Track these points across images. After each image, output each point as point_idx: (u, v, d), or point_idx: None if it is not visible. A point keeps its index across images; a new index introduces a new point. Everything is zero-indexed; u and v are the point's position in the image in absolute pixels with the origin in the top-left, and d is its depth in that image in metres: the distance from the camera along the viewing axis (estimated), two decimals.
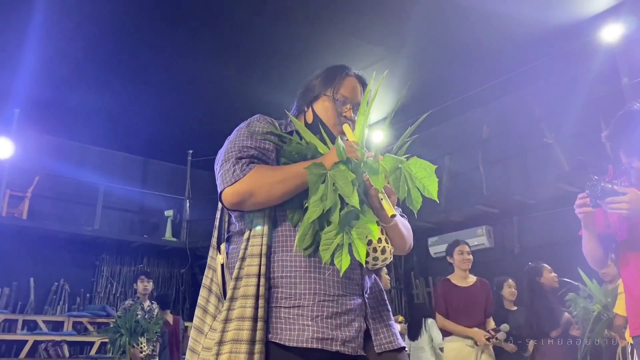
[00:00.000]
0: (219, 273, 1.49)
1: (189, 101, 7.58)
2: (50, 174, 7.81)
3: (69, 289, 7.78)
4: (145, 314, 4.99)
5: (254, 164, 1.42)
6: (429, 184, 1.31)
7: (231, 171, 1.40)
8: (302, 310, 1.35)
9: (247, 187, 1.37)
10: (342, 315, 1.38)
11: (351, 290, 1.42)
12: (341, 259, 1.28)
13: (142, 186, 9.02)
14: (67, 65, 6.52)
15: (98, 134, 8.33)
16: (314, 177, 1.33)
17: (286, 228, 1.44)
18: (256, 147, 1.46)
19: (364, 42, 6.32)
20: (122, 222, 8.75)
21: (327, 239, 1.29)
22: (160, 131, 8.41)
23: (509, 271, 6.35)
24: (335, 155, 1.37)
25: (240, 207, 1.43)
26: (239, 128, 1.54)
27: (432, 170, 1.32)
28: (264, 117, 1.57)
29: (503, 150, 7.27)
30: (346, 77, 1.62)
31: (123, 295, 8.21)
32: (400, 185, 1.30)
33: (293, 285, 1.38)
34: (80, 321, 7.17)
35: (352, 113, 1.59)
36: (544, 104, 6.73)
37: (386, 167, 1.32)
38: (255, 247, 1.40)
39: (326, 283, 1.39)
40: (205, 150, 8.83)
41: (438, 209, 7.53)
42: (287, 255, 1.41)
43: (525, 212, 6.80)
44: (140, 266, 8.55)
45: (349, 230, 1.30)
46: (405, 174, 1.31)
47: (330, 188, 1.31)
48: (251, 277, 1.36)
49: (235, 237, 1.51)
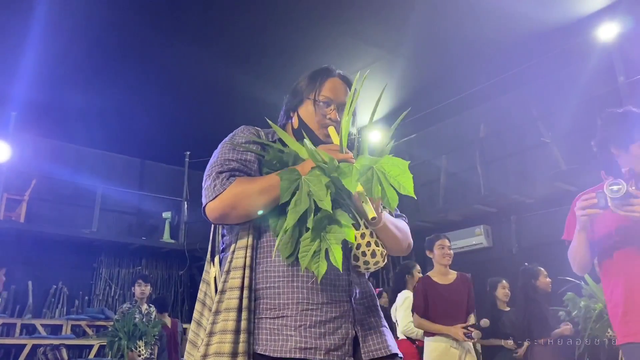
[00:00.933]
0: (212, 286, 1.49)
1: (186, 103, 7.57)
2: (47, 176, 7.79)
3: (68, 292, 7.77)
4: (143, 317, 4.98)
5: (235, 177, 1.41)
6: (404, 181, 1.28)
7: (212, 186, 1.40)
8: (286, 321, 1.35)
9: (228, 201, 1.37)
10: (327, 324, 1.36)
11: (337, 297, 1.40)
12: (318, 264, 1.27)
13: (140, 188, 9.01)
14: (64, 68, 6.51)
15: (95, 136, 8.31)
16: (286, 183, 1.32)
17: (270, 238, 1.42)
18: (237, 160, 1.45)
19: (362, 42, 6.32)
20: (120, 225, 8.74)
21: (305, 245, 1.28)
22: (158, 133, 8.39)
23: (506, 271, 6.36)
24: (311, 161, 1.36)
25: (224, 221, 1.43)
26: (224, 141, 1.54)
27: (406, 166, 1.30)
28: (248, 128, 1.56)
29: (500, 149, 7.27)
30: (328, 78, 1.60)
31: (122, 298, 8.20)
32: (373, 186, 1.28)
33: (276, 295, 1.37)
34: (79, 324, 7.15)
35: (337, 114, 1.56)
36: (541, 103, 6.73)
37: (359, 167, 1.30)
38: (239, 259, 1.40)
39: (310, 291, 1.37)
40: (203, 152, 8.80)
41: (436, 209, 7.54)
42: (271, 265, 1.40)
43: (523, 212, 6.80)
44: (139, 268, 8.54)
45: (325, 235, 1.28)
46: (378, 173, 1.29)
47: (304, 192, 1.30)
48: (234, 290, 1.36)
49: (227, 250, 1.51)
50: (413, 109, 8.06)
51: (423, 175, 8.22)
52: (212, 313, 1.37)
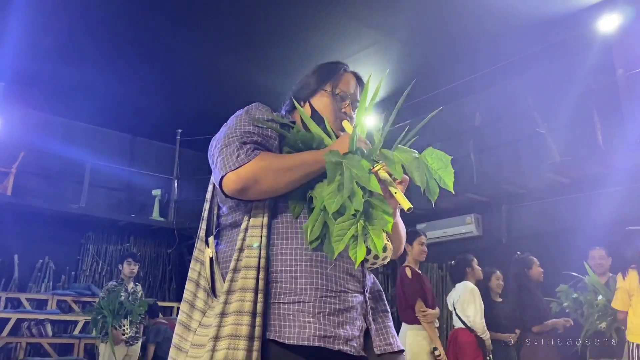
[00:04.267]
0: (207, 267, 1.42)
1: (178, 80, 7.46)
2: (36, 150, 7.68)
3: (54, 267, 7.70)
4: (129, 295, 4.94)
5: (259, 150, 1.35)
6: (445, 175, 1.28)
7: (235, 155, 1.32)
8: (303, 307, 1.28)
9: (252, 173, 1.30)
10: (345, 313, 1.32)
11: (353, 287, 1.37)
12: (356, 250, 1.22)
13: (130, 164, 8.90)
14: (55, 39, 6.36)
15: (85, 110, 8.18)
16: (332, 165, 1.26)
17: (287, 220, 1.37)
18: (259, 134, 1.39)
19: (359, 24, 6.21)
20: (109, 201, 8.65)
21: (340, 229, 1.23)
22: (150, 109, 8.28)
23: (496, 260, 6.36)
24: (345, 145, 1.33)
25: (242, 195, 1.34)
26: (238, 115, 1.47)
27: (448, 160, 1.29)
28: (263, 105, 1.51)
29: (495, 138, 7.23)
30: (344, 73, 1.60)
31: (109, 274, 8.16)
32: (420, 175, 1.26)
33: (293, 279, 1.31)
34: (65, 300, 7.10)
35: (351, 109, 1.55)
36: (538, 93, 6.67)
37: (401, 157, 1.28)
38: (254, 237, 1.33)
39: (328, 278, 1.33)
40: (195, 130, 8.75)
41: (426, 197, 7.50)
42: (288, 248, 1.34)
43: (515, 202, 6.78)
44: (127, 245, 8.49)
45: (365, 221, 1.24)
46: (422, 163, 1.29)
47: (348, 177, 1.25)
48: (250, 269, 1.29)
49: (226, 230, 1.45)
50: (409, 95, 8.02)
51: None
52: (224, 292, 1.29)
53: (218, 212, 1.49)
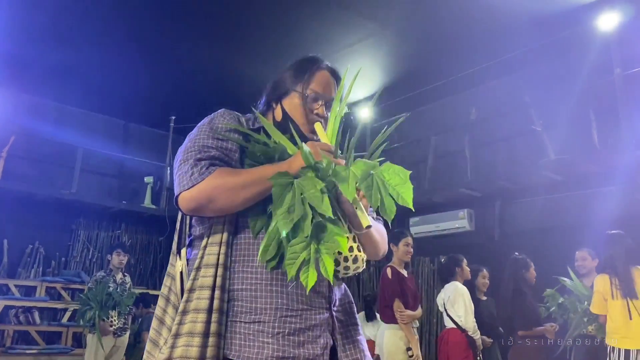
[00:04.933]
0: (177, 282, 1.38)
1: (172, 67, 7.35)
2: (26, 134, 7.58)
3: (44, 252, 7.65)
4: (118, 286, 4.90)
5: (215, 166, 1.30)
6: (404, 191, 1.22)
7: (189, 174, 1.28)
8: (263, 326, 1.26)
9: (206, 192, 1.26)
10: (306, 332, 1.28)
11: (317, 303, 1.33)
12: (307, 275, 1.18)
13: (123, 151, 8.82)
14: (47, 22, 6.23)
15: (78, 94, 8.07)
16: (279, 188, 1.22)
17: (248, 236, 1.33)
18: (218, 147, 1.35)
19: (355, 15, 6.13)
20: (101, 187, 8.58)
21: (292, 252, 1.19)
22: (143, 94, 8.18)
23: (487, 256, 6.37)
24: (298, 162, 1.27)
25: (198, 214, 1.33)
26: (201, 124, 1.42)
27: (407, 176, 1.23)
28: (229, 112, 1.45)
29: (490, 134, 7.20)
30: (318, 71, 1.50)
31: (100, 261, 8.12)
32: (373, 194, 1.20)
33: (253, 299, 1.28)
34: (54, 287, 7.06)
35: (325, 110, 1.48)
36: (535, 90, 6.63)
37: (357, 173, 1.22)
38: (211, 256, 1.30)
39: (289, 297, 1.29)
40: (188, 118, 8.62)
41: (421, 190, 7.48)
42: (248, 266, 1.31)
43: (508, 198, 6.77)
44: (118, 232, 8.44)
45: (317, 243, 1.19)
46: (377, 180, 1.21)
47: (298, 198, 1.21)
48: (204, 289, 1.27)
49: (196, 242, 1.40)
50: (405, 87, 7.97)
51: (410, 155, 8.15)
52: (179, 313, 1.27)
53: (190, 222, 1.45)
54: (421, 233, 7.47)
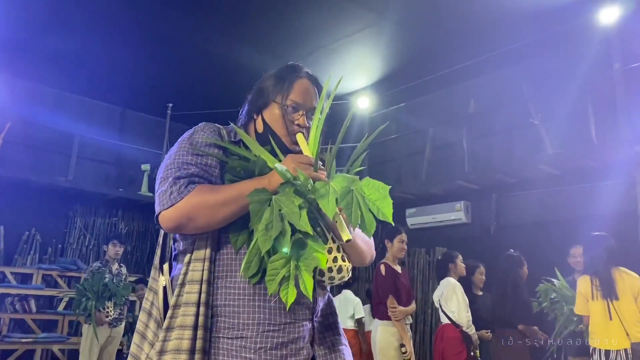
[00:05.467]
0: (160, 296, 1.37)
1: (170, 54, 7.31)
2: (23, 120, 7.54)
3: (40, 239, 7.64)
4: (113, 277, 4.91)
5: (195, 184, 1.29)
6: (383, 206, 1.20)
7: (168, 192, 1.28)
8: (245, 342, 1.26)
9: (185, 211, 1.25)
10: (289, 345, 1.29)
11: (301, 315, 1.33)
12: (287, 291, 1.19)
13: (120, 138, 8.79)
14: (44, 7, 6.18)
15: (75, 80, 8.03)
16: (256, 206, 1.22)
17: (230, 252, 1.33)
18: (197, 164, 1.33)
19: (354, 5, 6.08)
20: (97, 174, 8.56)
21: (273, 269, 1.20)
22: (141, 82, 8.15)
23: (483, 249, 6.39)
24: (276, 179, 1.27)
25: (179, 232, 1.33)
26: (181, 139, 1.41)
27: (386, 191, 1.22)
28: (209, 126, 1.44)
29: (488, 126, 7.18)
30: (297, 80, 1.48)
31: (96, 248, 8.13)
32: (353, 211, 1.19)
33: (236, 314, 1.29)
34: (50, 274, 7.06)
35: (306, 119, 1.46)
36: (533, 83, 6.61)
37: (337, 189, 1.21)
38: (196, 272, 1.30)
39: (271, 311, 1.29)
40: (186, 105, 8.63)
41: (418, 182, 7.49)
42: (231, 282, 1.31)
43: (505, 191, 6.78)
44: (115, 219, 8.44)
45: (297, 260, 1.20)
46: (357, 196, 1.21)
47: (276, 215, 1.21)
48: (190, 306, 1.27)
49: (180, 256, 1.40)
50: (404, 77, 7.93)
51: (408, 146, 8.14)
52: (164, 329, 1.27)
53: (173, 236, 1.45)
54: (417, 224, 7.49)
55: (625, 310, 3.29)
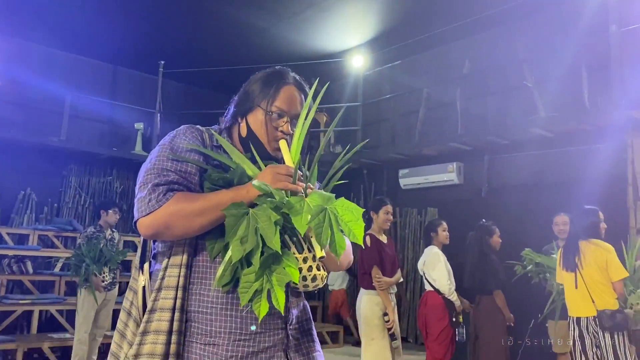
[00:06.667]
0: (139, 296, 1.40)
1: (161, 9, 7.15)
2: (13, 80, 7.46)
3: (36, 199, 7.69)
4: (107, 242, 4.97)
5: (173, 191, 1.30)
6: (355, 228, 1.23)
7: (146, 200, 1.29)
8: (217, 349, 1.30)
9: (163, 219, 1.27)
10: (259, 354, 1.33)
11: (272, 325, 1.37)
12: (259, 305, 1.22)
13: (112, 97, 8.72)
14: None
15: (66, 38, 7.90)
16: (232, 219, 1.23)
17: (206, 259, 1.35)
18: (177, 171, 1.34)
19: None
20: (91, 133, 8.53)
21: (246, 281, 1.22)
22: (132, 38, 8.02)
23: (475, 210, 6.46)
24: (253, 193, 1.28)
25: (157, 239, 1.36)
26: (163, 142, 1.41)
27: (359, 214, 1.24)
28: (191, 130, 1.43)
29: (482, 88, 7.12)
30: (283, 87, 1.47)
31: (92, 206, 8.20)
32: (323, 231, 1.21)
33: (208, 322, 1.32)
34: (46, 234, 7.14)
35: (290, 126, 1.46)
36: (529, 44, 6.51)
37: (312, 205, 1.23)
38: (172, 278, 1.33)
39: (243, 321, 1.33)
40: (178, 62, 8.52)
41: (411, 143, 7.48)
42: (205, 289, 1.34)
43: (497, 152, 6.79)
44: (110, 178, 8.48)
45: (270, 274, 1.22)
46: (330, 215, 1.22)
47: (252, 228, 1.22)
48: (165, 311, 1.30)
49: (159, 257, 1.42)
50: (399, 35, 7.80)
51: (403, 106, 8.09)
52: (140, 333, 1.31)
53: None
54: (410, 185, 7.54)
55: (589, 280, 3.43)
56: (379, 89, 8.25)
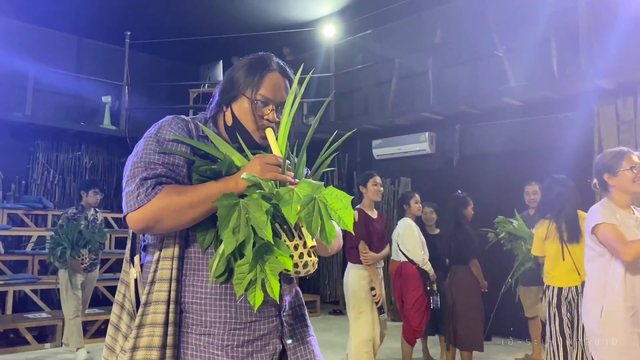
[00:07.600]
0: (132, 289, 1.41)
1: None
2: None
3: (3, 175, 7.51)
4: (89, 224, 4.88)
5: (162, 184, 1.29)
6: (345, 216, 1.24)
7: (135, 194, 1.27)
8: (212, 339, 1.33)
9: (152, 214, 1.26)
10: (255, 342, 1.36)
11: (266, 313, 1.39)
12: (254, 295, 1.24)
13: (77, 69, 8.48)
14: None
15: (27, 8, 7.62)
16: (224, 210, 1.23)
17: (197, 250, 1.36)
18: (164, 163, 1.32)
19: None
20: (57, 108, 8.32)
21: (240, 272, 1.24)
22: (97, 8, 7.79)
23: (446, 179, 6.56)
24: (243, 184, 1.29)
25: (148, 232, 1.36)
26: (148, 134, 1.38)
27: (349, 201, 1.25)
28: (177, 121, 1.41)
29: (454, 57, 7.15)
30: (267, 74, 1.45)
31: (61, 182, 8.07)
32: (313, 220, 1.22)
33: (203, 312, 1.34)
34: (16, 213, 7.00)
35: (276, 114, 1.45)
36: (499, 13, 6.53)
37: (301, 195, 1.24)
38: (165, 270, 1.33)
39: (238, 310, 1.35)
40: (145, 33, 8.31)
41: (384, 113, 7.51)
42: (198, 280, 1.35)
43: (468, 122, 6.86)
44: (79, 154, 8.33)
45: (263, 264, 1.24)
46: (319, 204, 1.24)
47: (243, 219, 1.23)
48: (160, 304, 1.31)
49: (150, 249, 1.42)
50: (370, 4, 7.74)
51: (375, 76, 8.07)
52: (136, 326, 1.32)
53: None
54: (383, 155, 7.59)
55: (576, 250, 3.47)
56: (351, 59, 8.20)
